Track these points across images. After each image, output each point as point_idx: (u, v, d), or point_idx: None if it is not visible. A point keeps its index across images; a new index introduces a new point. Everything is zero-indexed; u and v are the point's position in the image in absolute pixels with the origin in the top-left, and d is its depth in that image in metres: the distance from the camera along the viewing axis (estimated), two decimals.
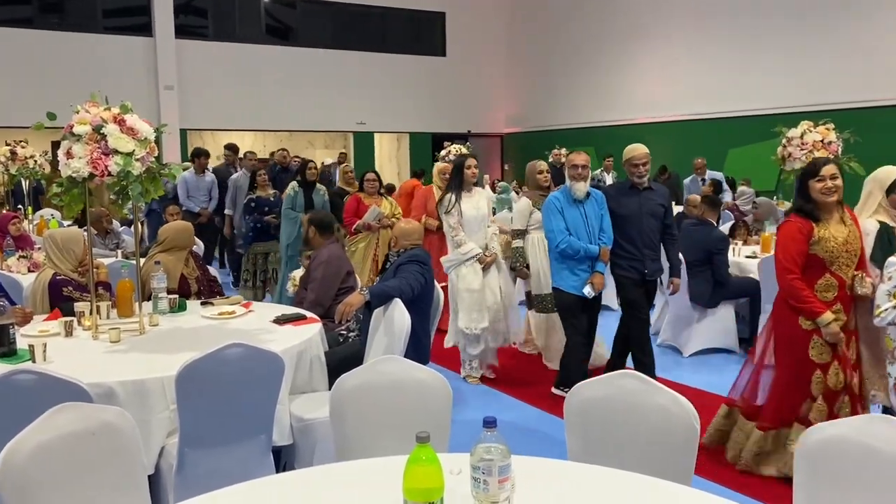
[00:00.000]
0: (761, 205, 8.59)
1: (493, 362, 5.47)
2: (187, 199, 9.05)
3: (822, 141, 5.68)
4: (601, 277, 4.67)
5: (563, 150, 13.30)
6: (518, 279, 5.84)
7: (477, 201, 5.27)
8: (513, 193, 8.58)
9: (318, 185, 7.35)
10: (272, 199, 7.55)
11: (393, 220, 6.69)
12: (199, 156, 9.33)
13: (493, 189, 8.37)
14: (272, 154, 9.43)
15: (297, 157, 10.74)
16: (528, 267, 5.39)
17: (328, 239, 4.82)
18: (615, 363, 4.99)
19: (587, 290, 4.62)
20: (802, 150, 5.70)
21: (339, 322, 3.93)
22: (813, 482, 1.97)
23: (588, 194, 4.69)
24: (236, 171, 9.24)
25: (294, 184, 7.15)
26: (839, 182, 3.46)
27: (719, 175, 11.18)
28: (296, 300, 4.73)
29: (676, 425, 2.19)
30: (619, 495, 1.90)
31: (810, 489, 1.97)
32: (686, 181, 11.25)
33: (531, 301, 5.63)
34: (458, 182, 5.23)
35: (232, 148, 10.16)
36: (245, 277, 7.56)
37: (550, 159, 13.09)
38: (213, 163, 12.09)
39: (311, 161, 7.45)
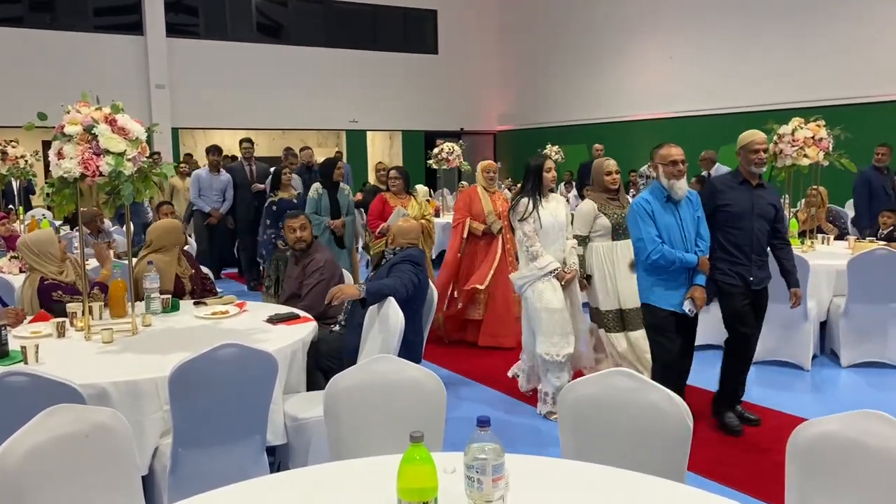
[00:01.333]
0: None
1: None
2: (199, 197, 8.66)
3: (812, 137, 5.71)
4: (702, 291, 4.05)
5: (556, 147, 13.33)
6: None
7: (555, 208, 4.64)
8: (506, 191, 8.58)
9: (342, 185, 6.78)
10: (295, 200, 6.95)
11: (423, 222, 6.07)
12: (214, 152, 8.80)
13: None
14: (287, 152, 8.90)
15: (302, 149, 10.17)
16: (588, 279, 4.79)
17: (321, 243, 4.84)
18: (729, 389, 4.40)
19: (687, 307, 4.03)
20: (793, 146, 5.73)
21: (329, 304, 3.89)
22: (804, 478, 1.98)
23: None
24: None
25: (318, 185, 6.63)
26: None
27: (726, 170, 10.90)
28: (282, 298, 4.71)
29: (669, 423, 2.20)
30: (613, 493, 1.91)
31: (802, 485, 1.99)
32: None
33: (591, 315, 5.00)
34: (535, 186, 4.60)
35: (249, 141, 9.34)
36: (267, 284, 6.97)
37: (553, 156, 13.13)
38: (202, 161, 12.09)
39: (340, 160, 6.91)
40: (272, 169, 7.94)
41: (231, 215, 8.87)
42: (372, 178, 14.02)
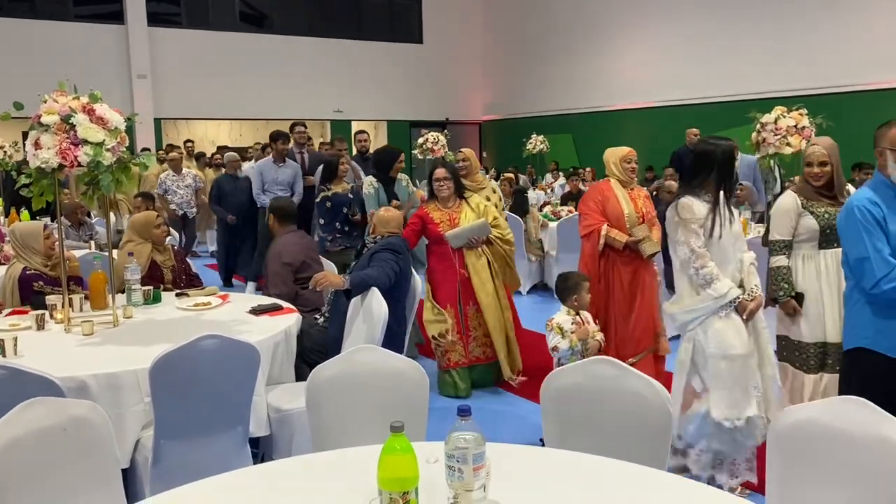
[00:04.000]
0: (745, 188, 8.61)
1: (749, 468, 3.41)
2: (262, 193, 7.36)
3: (795, 126, 5.73)
4: None
5: (541, 137, 13.33)
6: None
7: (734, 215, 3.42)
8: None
9: (399, 177, 5.94)
10: (350, 195, 6.03)
11: (496, 235, 4.90)
12: (278, 139, 7.38)
13: None
14: (332, 142, 7.91)
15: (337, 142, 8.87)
16: (797, 298, 3.53)
17: (287, 227, 4.73)
18: None
19: None
20: (776, 135, 5.75)
21: (313, 288, 3.88)
22: (784, 465, 1.99)
23: None
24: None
25: (372, 179, 5.74)
26: None
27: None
28: (264, 291, 4.69)
29: (651, 410, 2.21)
30: (595, 480, 1.91)
31: (782, 471, 2.00)
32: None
33: (782, 349, 3.65)
34: (720, 181, 3.30)
35: (303, 125, 8.09)
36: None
37: (531, 146, 13.11)
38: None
39: (400, 150, 5.89)
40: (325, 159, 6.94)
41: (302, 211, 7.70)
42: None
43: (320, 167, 6.55)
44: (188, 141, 13.29)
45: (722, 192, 3.30)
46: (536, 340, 4.76)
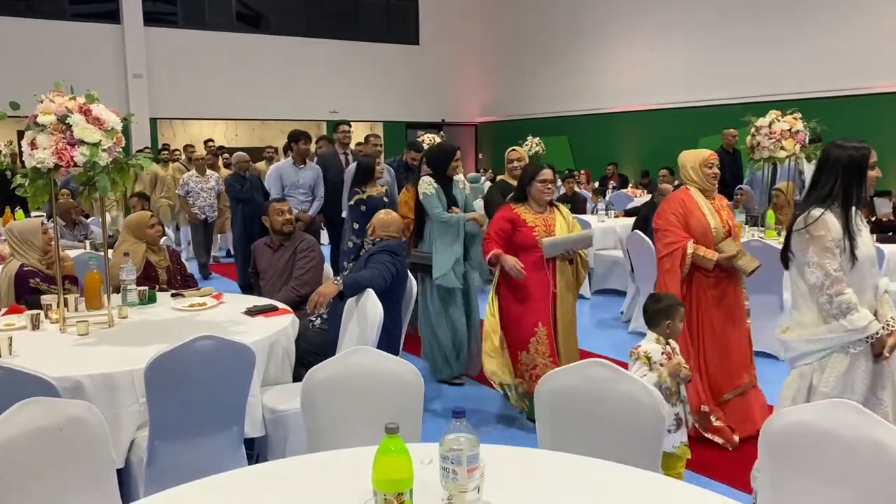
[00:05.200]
0: (745, 192, 8.62)
1: None
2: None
3: (789, 130, 5.77)
4: None
5: (537, 139, 13.34)
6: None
7: (864, 230, 2.92)
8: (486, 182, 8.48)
9: (456, 177, 5.31)
10: (386, 198, 5.73)
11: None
12: (299, 140, 6.96)
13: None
14: (367, 139, 7.23)
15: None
16: None
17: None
18: None
19: None
20: (771, 138, 5.79)
21: (312, 311, 3.91)
22: (776, 467, 2.01)
23: None
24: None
25: (430, 179, 5.02)
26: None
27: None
28: (265, 291, 4.69)
29: (644, 413, 2.22)
30: (588, 482, 1.92)
31: (773, 473, 2.01)
32: None
33: None
34: (850, 191, 2.82)
35: (347, 123, 7.60)
36: None
37: (527, 148, 13.12)
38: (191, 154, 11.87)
39: (457, 148, 5.21)
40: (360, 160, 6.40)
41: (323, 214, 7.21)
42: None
43: (349, 168, 6.30)
44: (209, 140, 12.51)
45: (852, 205, 2.81)
46: None
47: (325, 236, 7.87)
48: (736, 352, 3.92)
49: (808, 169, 7.87)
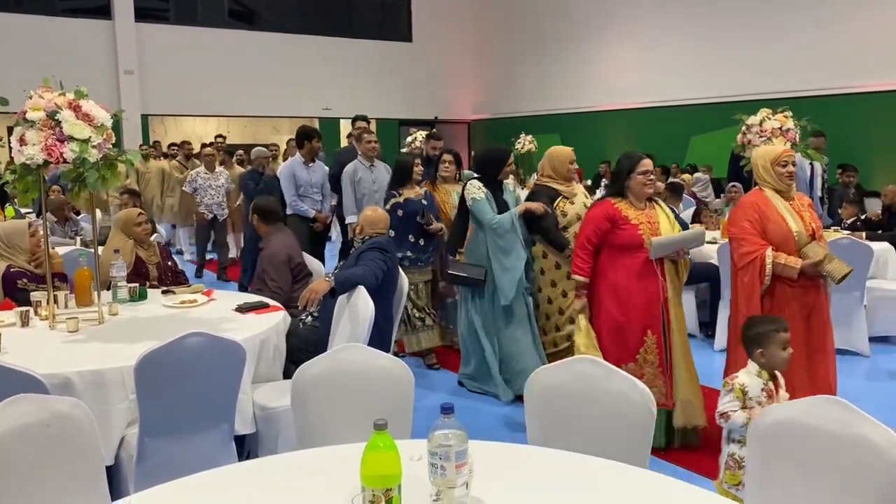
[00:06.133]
0: (740, 189, 8.60)
1: None
2: (297, 198, 6.50)
3: (780, 128, 5.79)
4: None
5: (530, 137, 13.36)
6: None
7: None
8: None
9: (506, 182, 4.84)
10: (424, 200, 5.27)
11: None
12: (310, 137, 6.58)
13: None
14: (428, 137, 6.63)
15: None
16: None
17: (273, 226, 4.71)
18: None
19: None
20: (761, 137, 5.80)
21: (303, 308, 3.91)
22: (765, 463, 2.02)
23: None
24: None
25: (479, 183, 4.59)
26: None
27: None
28: (253, 289, 4.68)
29: (634, 410, 2.23)
30: (577, 478, 1.93)
31: (762, 469, 2.03)
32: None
33: None
34: None
35: (366, 119, 7.04)
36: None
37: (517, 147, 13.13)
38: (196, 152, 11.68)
39: (509, 150, 4.83)
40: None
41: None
42: None
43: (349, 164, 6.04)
44: (219, 136, 11.93)
45: None
46: None
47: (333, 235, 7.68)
48: (822, 378, 3.49)
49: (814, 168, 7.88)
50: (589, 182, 12.93)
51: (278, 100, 16.32)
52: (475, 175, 4.73)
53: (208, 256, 9.44)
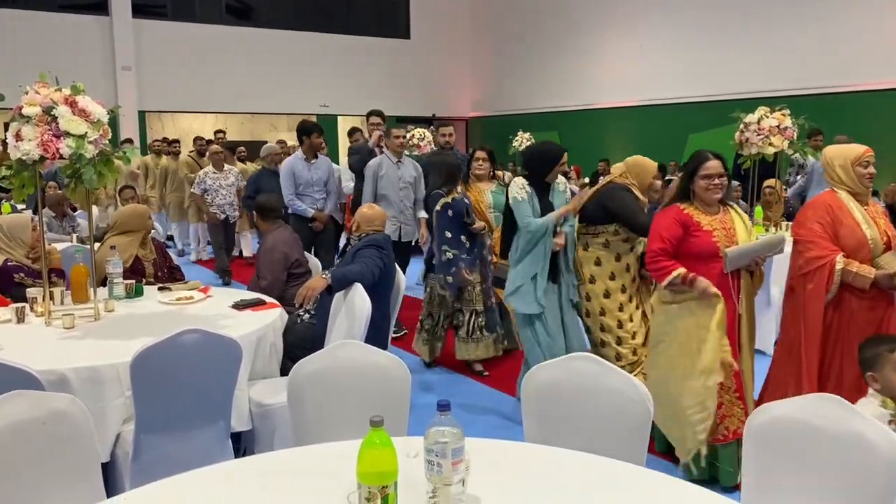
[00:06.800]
0: (734, 187, 8.57)
1: None
2: (295, 196, 6.28)
3: (777, 126, 5.79)
4: None
5: (527, 135, 13.36)
6: None
7: None
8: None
9: (557, 182, 4.32)
10: (466, 199, 5.07)
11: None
12: (309, 132, 6.35)
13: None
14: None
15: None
16: None
17: (273, 223, 4.79)
18: None
19: None
20: (759, 135, 5.81)
21: (300, 305, 3.90)
22: (760, 460, 2.02)
23: None
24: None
25: (523, 182, 4.17)
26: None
27: None
28: (250, 286, 4.69)
29: (631, 408, 2.23)
30: (574, 476, 1.93)
31: (758, 468, 2.03)
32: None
33: None
34: None
35: (379, 115, 6.72)
36: (424, 322, 5.28)
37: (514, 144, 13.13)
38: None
39: (563, 149, 4.28)
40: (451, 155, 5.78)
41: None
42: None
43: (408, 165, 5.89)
44: (219, 132, 11.75)
45: None
46: None
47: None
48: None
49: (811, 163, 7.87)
50: (587, 180, 12.95)
51: (276, 96, 16.29)
52: (523, 172, 4.37)
53: (208, 256, 9.38)
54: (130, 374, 2.67)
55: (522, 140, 13.11)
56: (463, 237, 4.95)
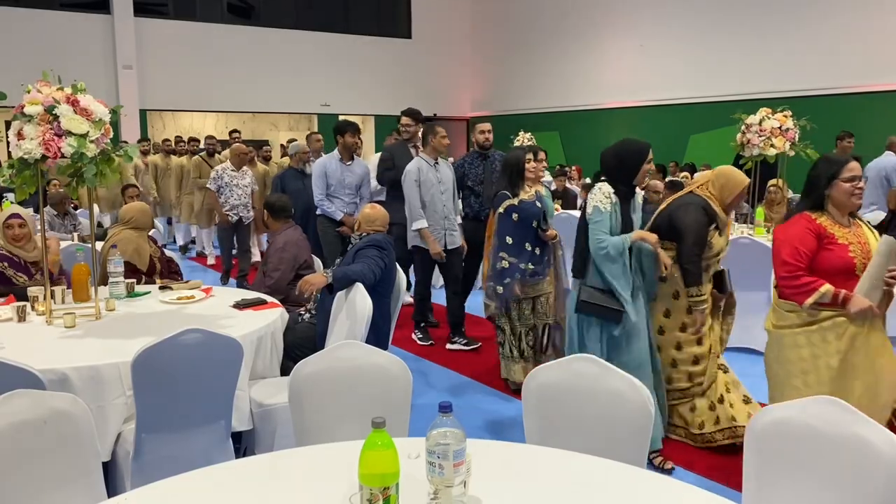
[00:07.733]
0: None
1: None
2: (326, 198, 5.99)
3: (779, 128, 5.79)
4: None
5: (528, 135, 13.35)
6: None
7: None
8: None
9: (638, 192, 3.87)
10: (538, 202, 4.64)
11: None
12: (342, 132, 5.97)
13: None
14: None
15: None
16: None
17: (284, 223, 4.84)
18: None
19: None
20: (760, 136, 5.81)
21: (300, 294, 3.90)
22: (761, 463, 2.02)
23: None
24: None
25: (607, 189, 3.63)
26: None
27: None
28: (254, 284, 4.70)
29: (632, 409, 2.22)
30: (575, 477, 1.93)
31: (758, 469, 2.03)
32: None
33: None
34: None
35: (411, 115, 6.23)
36: (506, 341, 4.68)
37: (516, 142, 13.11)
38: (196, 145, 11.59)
39: (648, 148, 3.71)
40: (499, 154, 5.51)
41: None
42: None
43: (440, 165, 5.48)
44: (234, 131, 11.20)
45: None
46: None
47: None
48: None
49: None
50: (588, 180, 12.94)
51: (277, 96, 16.29)
52: (603, 178, 3.80)
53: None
54: (131, 373, 2.67)
55: (523, 140, 13.09)
56: (528, 244, 4.51)
